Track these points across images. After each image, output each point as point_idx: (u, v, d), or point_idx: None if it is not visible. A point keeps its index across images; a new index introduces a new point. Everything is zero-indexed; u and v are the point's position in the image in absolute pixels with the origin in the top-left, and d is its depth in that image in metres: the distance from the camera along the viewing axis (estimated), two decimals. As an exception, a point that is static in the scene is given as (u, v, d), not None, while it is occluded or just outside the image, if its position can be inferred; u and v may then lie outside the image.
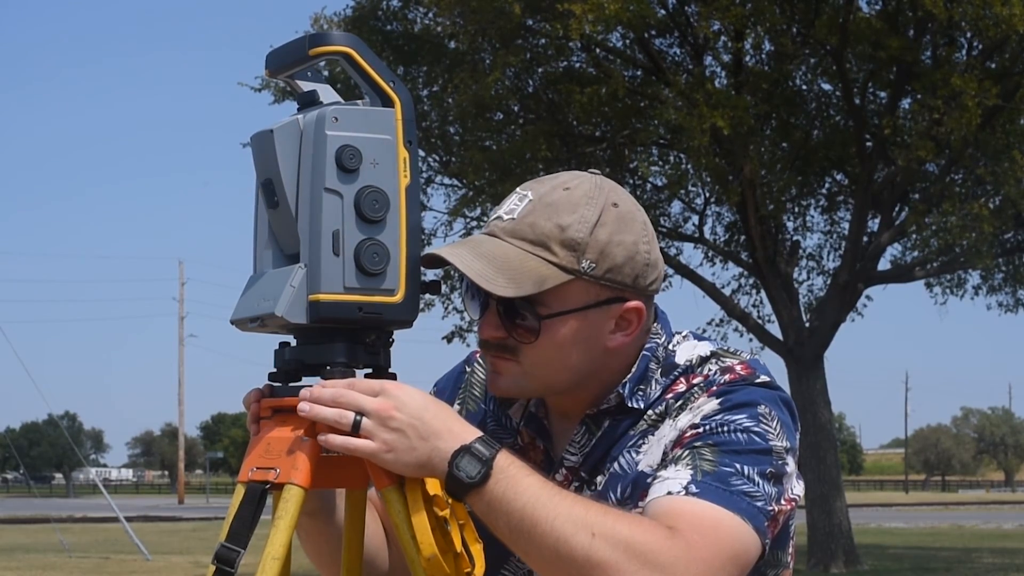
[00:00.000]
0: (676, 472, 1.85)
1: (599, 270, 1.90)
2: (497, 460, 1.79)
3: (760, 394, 1.93)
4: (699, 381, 1.95)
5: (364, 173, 1.83)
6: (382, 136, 1.85)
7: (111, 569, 20.30)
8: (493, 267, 1.89)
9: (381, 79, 1.87)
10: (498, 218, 1.94)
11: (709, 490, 1.82)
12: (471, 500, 1.80)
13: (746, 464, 1.85)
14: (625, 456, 1.95)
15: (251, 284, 1.92)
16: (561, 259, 1.89)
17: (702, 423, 1.89)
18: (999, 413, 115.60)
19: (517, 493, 1.78)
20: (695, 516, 1.80)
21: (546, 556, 1.78)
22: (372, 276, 1.83)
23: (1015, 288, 21.72)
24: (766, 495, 1.86)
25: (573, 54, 18.62)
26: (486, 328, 1.94)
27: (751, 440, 1.87)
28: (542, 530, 1.76)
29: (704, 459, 1.85)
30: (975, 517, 44.22)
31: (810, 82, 19.46)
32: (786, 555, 2.02)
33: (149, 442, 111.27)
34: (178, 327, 65.99)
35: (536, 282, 1.88)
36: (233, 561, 1.81)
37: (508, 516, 1.78)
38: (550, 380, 1.95)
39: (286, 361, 1.90)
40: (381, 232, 1.84)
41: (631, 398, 1.96)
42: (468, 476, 1.77)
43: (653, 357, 1.98)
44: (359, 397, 1.80)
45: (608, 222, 1.91)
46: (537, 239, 1.89)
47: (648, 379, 1.97)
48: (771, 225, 19.31)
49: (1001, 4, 15.22)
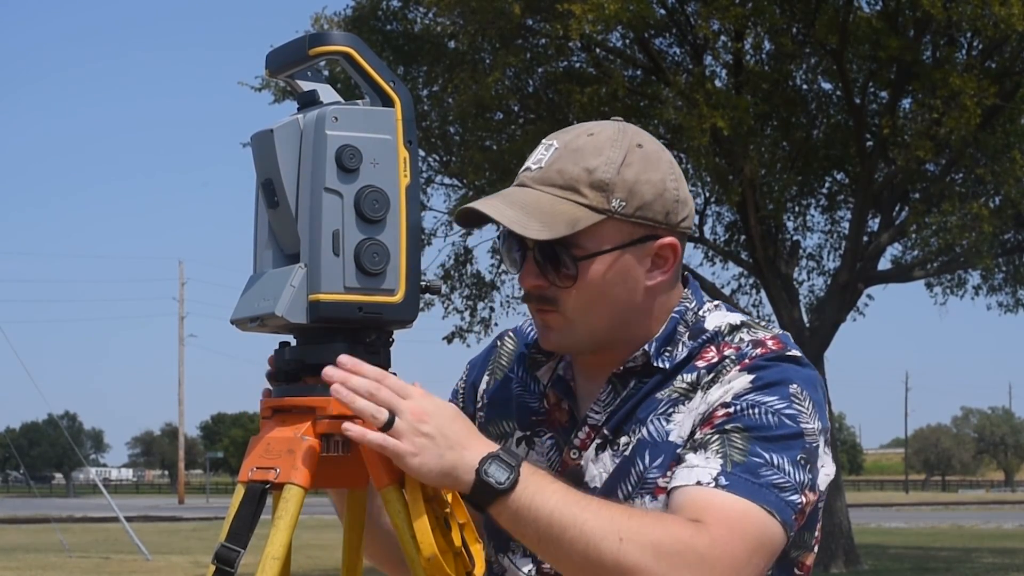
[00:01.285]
0: (706, 460, 1.85)
1: (629, 208, 1.92)
2: (523, 468, 1.79)
3: (792, 372, 1.92)
4: (731, 353, 1.94)
5: (364, 173, 1.83)
6: (382, 136, 1.85)
7: (111, 569, 20.30)
8: (525, 213, 1.90)
9: (381, 79, 1.87)
10: (526, 169, 1.96)
11: (739, 483, 1.82)
12: (497, 509, 1.79)
13: (776, 453, 1.85)
14: (655, 423, 1.94)
15: (251, 284, 1.92)
16: (591, 200, 1.90)
17: (733, 402, 1.88)
18: (999, 413, 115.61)
19: (545, 499, 1.78)
20: (723, 510, 1.80)
21: (576, 562, 1.79)
22: (372, 276, 1.83)
23: (1015, 288, 21.71)
24: (796, 484, 1.85)
25: (573, 54, 18.62)
26: (526, 278, 1.95)
27: (782, 423, 1.87)
28: (571, 536, 1.77)
29: (734, 447, 1.85)
30: (975, 517, 44.21)
31: (810, 82, 19.46)
32: (812, 537, 2.02)
33: (149, 442, 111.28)
34: (178, 327, 66.02)
35: (569, 224, 1.89)
36: (233, 561, 1.81)
37: (536, 523, 1.78)
38: (594, 326, 1.95)
39: (286, 361, 1.90)
40: (381, 232, 1.84)
41: (657, 357, 1.97)
42: (498, 482, 1.77)
43: (682, 320, 1.99)
44: (394, 397, 1.79)
45: (634, 162, 1.93)
46: (566, 183, 1.91)
47: (675, 341, 1.98)
48: (771, 225, 19.31)
49: (1000, 4, 15.21)
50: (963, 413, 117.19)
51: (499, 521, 1.82)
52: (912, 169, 18.12)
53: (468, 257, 20.62)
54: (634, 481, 1.93)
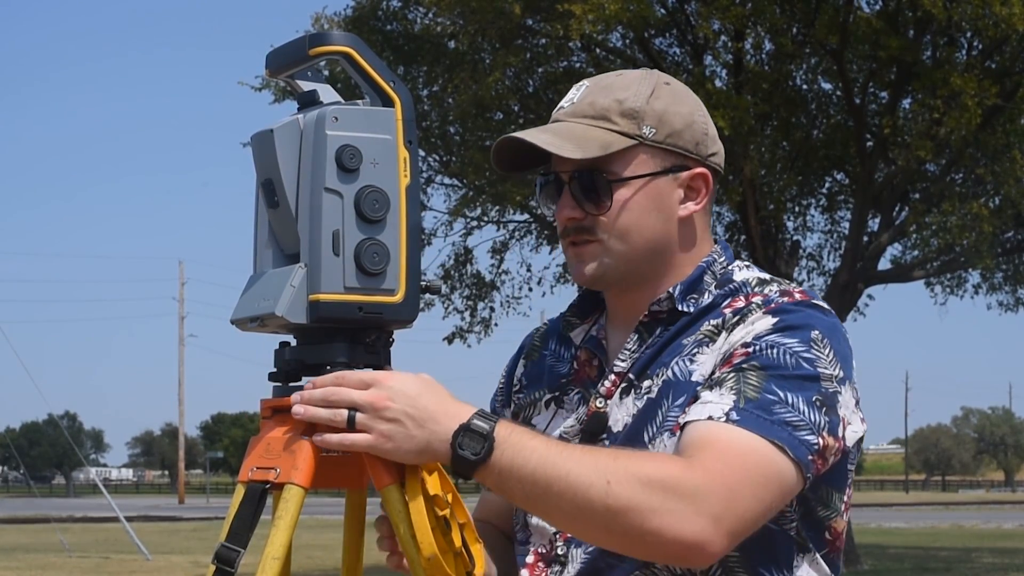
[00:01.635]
0: (720, 396, 1.86)
1: (660, 135, 1.99)
2: (498, 431, 1.79)
3: (817, 319, 1.93)
4: (758, 300, 1.96)
5: (364, 173, 1.83)
6: (382, 136, 1.85)
7: (111, 569, 20.29)
8: (559, 138, 1.96)
9: (381, 79, 1.87)
10: (559, 109, 2.03)
11: (750, 418, 1.82)
12: (481, 476, 1.80)
13: (790, 391, 1.85)
14: (680, 364, 1.96)
15: (251, 284, 1.92)
16: (622, 127, 1.98)
17: (753, 342, 1.90)
18: (999, 413, 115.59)
19: (525, 459, 1.79)
20: (726, 443, 1.81)
21: (568, 513, 1.79)
22: (372, 276, 1.83)
23: (1015, 287, 21.70)
24: (811, 424, 1.85)
25: (573, 54, 18.61)
26: (562, 210, 2.00)
27: (799, 365, 1.87)
28: (558, 489, 1.78)
29: (749, 384, 1.86)
30: (975, 517, 44.20)
31: (810, 82, 19.45)
32: (841, 501, 2.00)
33: (149, 442, 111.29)
34: (178, 327, 65.98)
35: (602, 146, 1.96)
36: (233, 561, 1.81)
37: (521, 483, 1.79)
38: (630, 254, 1.99)
39: (286, 361, 1.90)
40: (381, 232, 1.84)
41: (682, 302, 2.00)
42: (473, 453, 1.78)
43: (709, 270, 2.03)
44: (350, 392, 1.80)
45: (663, 95, 2.01)
46: (598, 113, 1.99)
47: (701, 289, 2.01)
48: (771, 225, 19.30)
49: (1000, 4, 15.20)
50: (963, 413, 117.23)
51: (486, 486, 1.83)
52: (912, 169, 18.11)
53: (468, 257, 20.62)
54: (658, 422, 1.94)
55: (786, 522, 1.94)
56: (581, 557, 1.97)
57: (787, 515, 1.93)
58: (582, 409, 2.04)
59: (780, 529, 1.93)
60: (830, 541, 2.00)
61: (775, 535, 1.93)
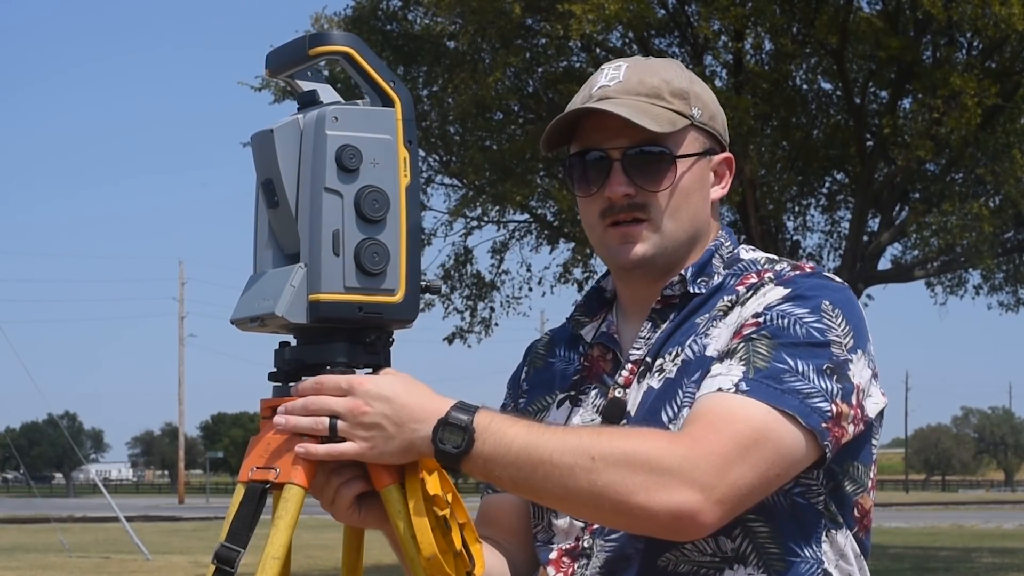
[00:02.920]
0: (729, 368, 1.86)
1: (704, 116, 2.03)
2: (477, 421, 1.80)
3: (829, 290, 1.93)
4: (770, 275, 1.98)
5: (364, 173, 1.83)
6: (382, 136, 1.85)
7: (111, 569, 20.29)
8: (632, 111, 1.96)
9: (381, 79, 1.87)
10: (603, 87, 2.02)
11: (760, 388, 1.82)
12: (467, 468, 1.81)
13: (800, 359, 1.85)
14: (696, 342, 1.96)
15: (251, 284, 1.92)
16: (676, 106, 2.00)
17: (764, 312, 1.90)
18: (999, 413, 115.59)
19: (507, 446, 1.79)
20: (721, 412, 1.81)
21: (556, 494, 1.80)
22: (372, 276, 1.83)
23: (1015, 287, 21.69)
24: (824, 391, 1.85)
25: (573, 54, 18.60)
26: (616, 187, 1.99)
27: (809, 334, 1.88)
28: (543, 471, 1.78)
29: (758, 354, 1.86)
30: (975, 517, 44.18)
31: (810, 82, 19.44)
32: (867, 477, 1.99)
33: (149, 442, 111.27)
34: (178, 327, 65.97)
35: (670, 122, 1.98)
36: (233, 561, 1.81)
37: (506, 469, 1.80)
38: (677, 233, 2.01)
39: (286, 361, 1.90)
40: (381, 232, 1.83)
41: (693, 284, 2.01)
42: (454, 447, 1.79)
43: (717, 253, 2.05)
44: (328, 400, 1.80)
45: (696, 81, 2.05)
46: (650, 92, 2.00)
47: (710, 272, 2.03)
48: (771, 225, 19.30)
49: (1000, 4, 15.20)
50: (963, 413, 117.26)
51: (475, 476, 1.83)
52: (912, 169, 18.11)
53: (468, 257, 20.60)
54: (679, 401, 1.93)
55: (814, 496, 1.93)
56: (606, 546, 1.97)
57: (814, 488, 1.93)
58: (600, 401, 2.04)
59: (808, 503, 1.92)
60: (858, 519, 1.99)
61: (804, 509, 1.92)
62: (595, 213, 2.02)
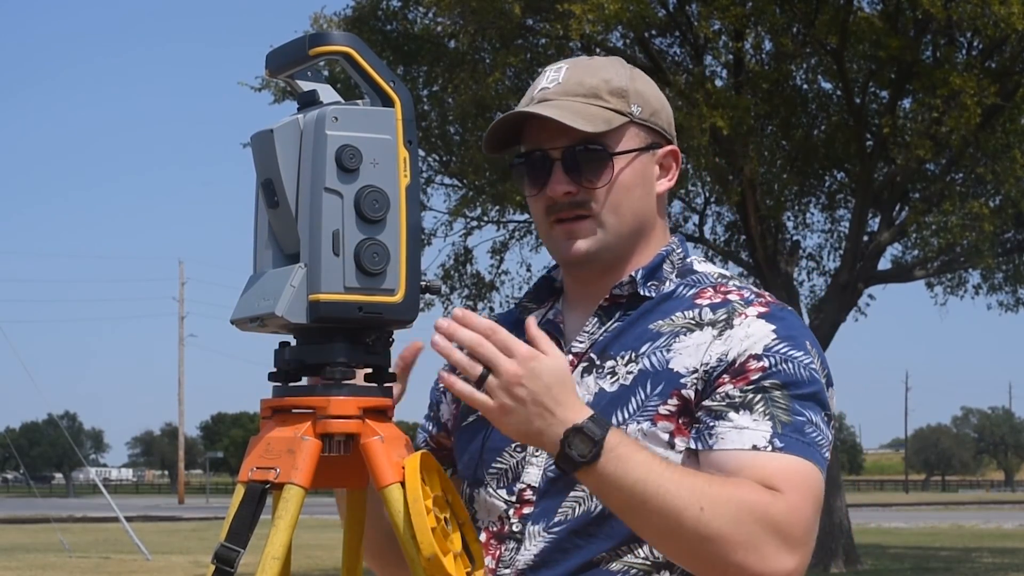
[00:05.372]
0: (755, 423, 1.92)
1: (645, 113, 2.08)
2: (608, 439, 1.83)
3: (800, 324, 2.04)
4: (735, 297, 2.03)
5: (364, 173, 1.83)
6: (382, 136, 1.85)
7: (111, 569, 20.30)
8: (564, 112, 2.02)
9: (381, 79, 1.87)
10: (543, 90, 2.08)
11: (793, 444, 1.91)
12: (582, 476, 1.84)
13: (812, 411, 1.95)
14: (656, 355, 2.00)
15: (251, 284, 1.92)
16: (615, 105, 2.06)
17: (765, 355, 1.96)
18: (999, 413, 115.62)
19: (627, 471, 1.83)
20: (789, 472, 1.89)
21: (659, 530, 1.85)
22: (372, 276, 1.83)
23: (1015, 287, 21.69)
24: (827, 440, 1.97)
25: (573, 54, 18.60)
26: (557, 186, 2.04)
27: (812, 379, 1.97)
28: (652, 506, 1.83)
29: (778, 407, 1.93)
30: (975, 517, 44.18)
31: (810, 82, 19.45)
32: None
33: (149, 442, 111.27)
34: (178, 327, 65.98)
35: (605, 121, 2.04)
36: (233, 561, 1.81)
37: (619, 492, 1.83)
38: (621, 228, 2.06)
39: (286, 361, 1.90)
40: (381, 232, 1.83)
41: (643, 286, 2.06)
42: (580, 455, 1.82)
43: (668, 258, 2.10)
44: (495, 354, 1.82)
45: (637, 77, 2.11)
46: (588, 92, 2.06)
47: (661, 276, 2.08)
48: (771, 224, 19.29)
49: (1000, 3, 15.20)
50: (963, 413, 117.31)
51: (586, 486, 1.88)
52: (912, 169, 18.11)
53: (468, 257, 20.61)
54: (632, 409, 1.98)
55: None
56: (544, 536, 2.00)
57: None
58: None
59: None
60: None
61: None
62: (541, 211, 2.08)
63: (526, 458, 2.04)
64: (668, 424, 1.95)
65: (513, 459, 2.05)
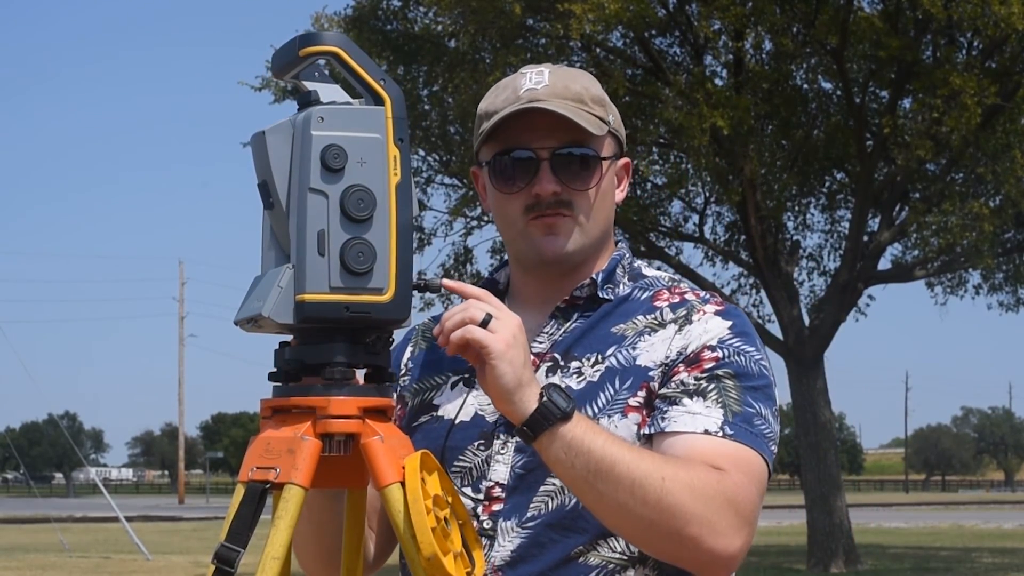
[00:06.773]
0: (707, 409, 1.98)
1: (616, 124, 2.14)
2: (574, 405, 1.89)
3: (750, 325, 2.11)
4: (692, 297, 2.11)
5: (350, 172, 1.83)
6: (371, 135, 1.85)
7: (111, 569, 20.30)
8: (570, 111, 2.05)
9: (370, 78, 1.87)
10: (530, 90, 2.09)
11: (742, 432, 1.98)
12: (550, 438, 1.86)
13: (762, 404, 2.02)
14: (622, 353, 2.05)
15: (253, 285, 1.93)
16: (598, 112, 2.10)
17: (719, 346, 2.03)
18: (999, 413, 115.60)
19: (595, 435, 1.87)
20: (736, 458, 1.95)
21: (620, 499, 1.87)
22: (358, 275, 1.83)
23: (1015, 287, 21.70)
24: (774, 433, 2.03)
25: (573, 54, 18.61)
26: (544, 184, 2.06)
27: (761, 373, 2.04)
28: (619, 471, 1.86)
29: (730, 396, 1.99)
30: (975, 517, 44.17)
31: (810, 82, 19.45)
32: None
33: (149, 442, 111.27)
34: (178, 327, 65.99)
35: (598, 127, 2.09)
36: (233, 561, 1.81)
37: (589, 455, 1.86)
38: (593, 232, 2.11)
39: (286, 361, 1.90)
40: (368, 231, 1.83)
41: (602, 289, 2.11)
42: (559, 407, 1.86)
43: (620, 264, 2.16)
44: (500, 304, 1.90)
45: (600, 89, 2.14)
46: (575, 97, 2.09)
47: (616, 281, 2.14)
48: (771, 224, 19.30)
49: (1000, 3, 15.21)
50: (963, 413, 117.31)
51: (548, 453, 1.88)
52: (912, 169, 18.11)
53: (468, 257, 20.62)
54: (602, 404, 2.03)
55: None
56: (518, 531, 2.01)
57: None
58: None
59: None
60: None
61: None
62: (518, 209, 2.09)
63: (491, 455, 2.05)
64: (637, 415, 2.01)
65: (477, 457, 2.07)
